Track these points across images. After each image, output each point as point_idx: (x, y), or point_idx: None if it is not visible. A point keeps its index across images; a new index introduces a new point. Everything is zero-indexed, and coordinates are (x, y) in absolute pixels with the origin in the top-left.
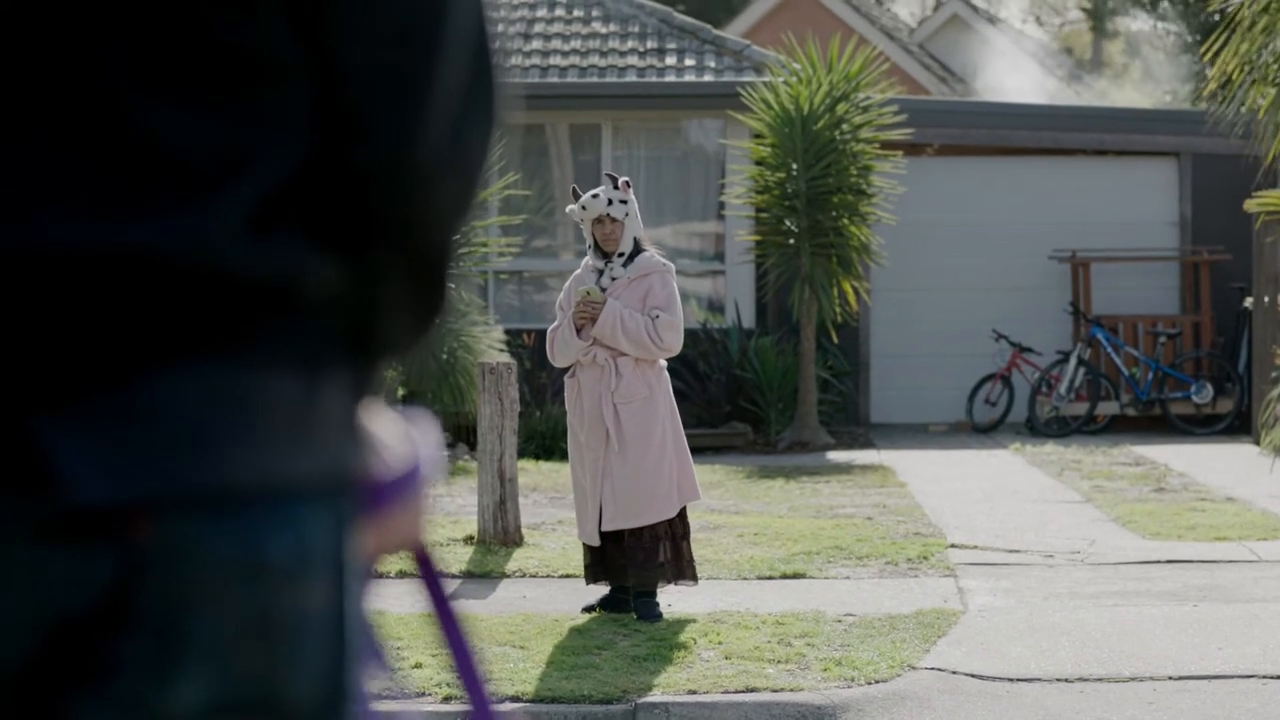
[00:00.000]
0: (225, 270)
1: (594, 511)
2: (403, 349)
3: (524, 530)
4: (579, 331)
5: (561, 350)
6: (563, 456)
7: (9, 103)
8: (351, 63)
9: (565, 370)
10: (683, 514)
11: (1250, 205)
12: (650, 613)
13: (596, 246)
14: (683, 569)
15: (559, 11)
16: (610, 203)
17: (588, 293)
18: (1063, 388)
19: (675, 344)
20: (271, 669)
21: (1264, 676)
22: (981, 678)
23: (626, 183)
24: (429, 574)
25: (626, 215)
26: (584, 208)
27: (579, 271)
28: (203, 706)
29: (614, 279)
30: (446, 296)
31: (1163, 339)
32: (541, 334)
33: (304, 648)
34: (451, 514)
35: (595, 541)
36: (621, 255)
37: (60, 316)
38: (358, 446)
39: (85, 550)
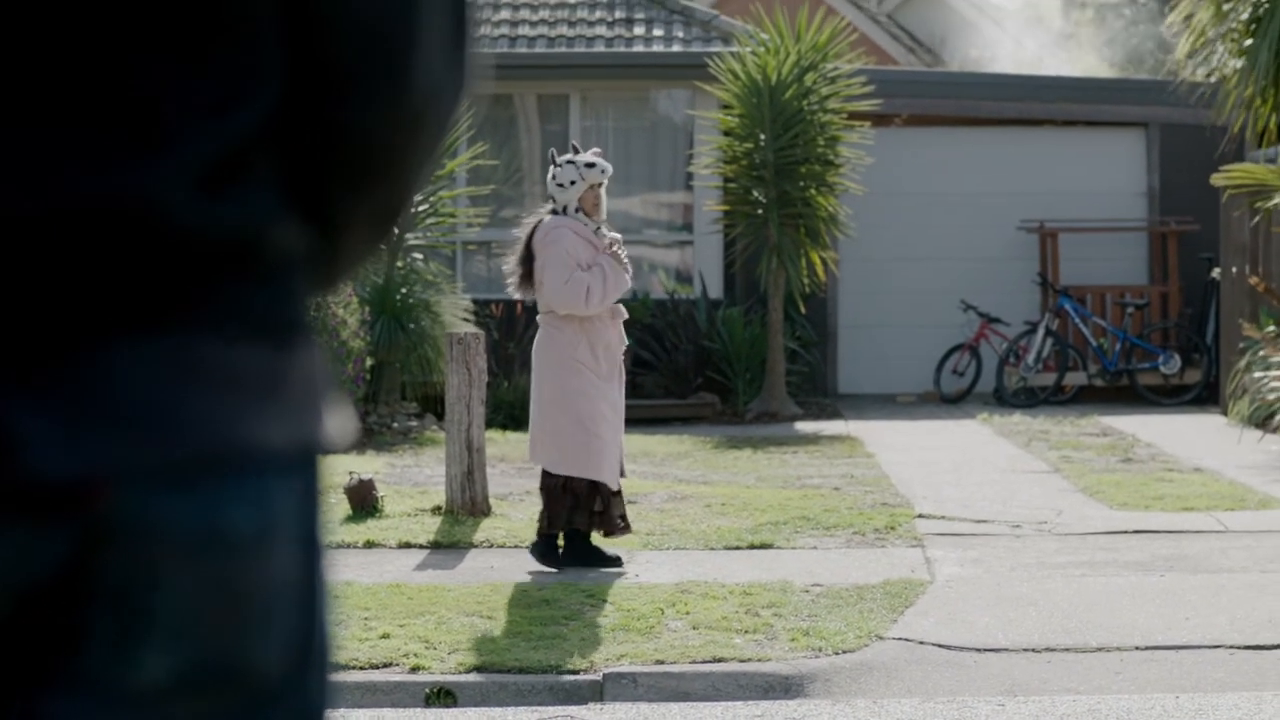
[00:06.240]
0: (179, 226)
1: (616, 455)
2: (342, 281)
3: (491, 500)
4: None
5: (611, 293)
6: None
7: None
8: (331, 15)
9: (560, 330)
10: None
11: (1217, 179)
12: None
13: (579, 209)
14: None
15: None
16: (604, 171)
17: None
18: (1030, 358)
19: None
20: (238, 640)
21: (1231, 647)
22: (948, 648)
23: (598, 152)
24: None
25: None
26: (604, 171)
27: (567, 231)
28: (170, 679)
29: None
30: (394, 231)
31: (1130, 309)
32: (510, 304)
33: (271, 618)
34: (419, 484)
35: (618, 485)
36: (603, 220)
37: (13, 282)
38: (323, 411)
39: (46, 524)
